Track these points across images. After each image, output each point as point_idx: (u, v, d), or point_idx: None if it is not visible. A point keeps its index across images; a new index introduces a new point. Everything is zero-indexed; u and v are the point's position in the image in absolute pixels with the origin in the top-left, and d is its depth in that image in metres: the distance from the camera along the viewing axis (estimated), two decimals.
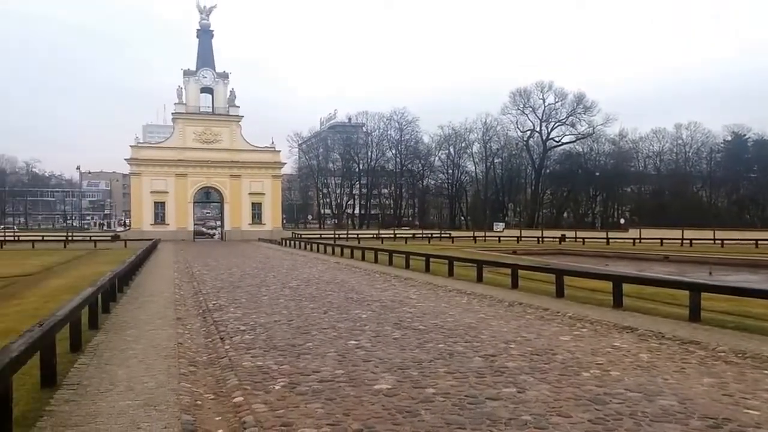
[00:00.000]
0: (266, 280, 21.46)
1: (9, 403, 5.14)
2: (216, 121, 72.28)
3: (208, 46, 74.16)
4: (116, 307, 13.97)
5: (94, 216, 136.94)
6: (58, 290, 17.98)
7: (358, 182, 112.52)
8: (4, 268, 27.70)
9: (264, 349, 9.45)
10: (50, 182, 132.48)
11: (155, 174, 69.74)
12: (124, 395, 6.69)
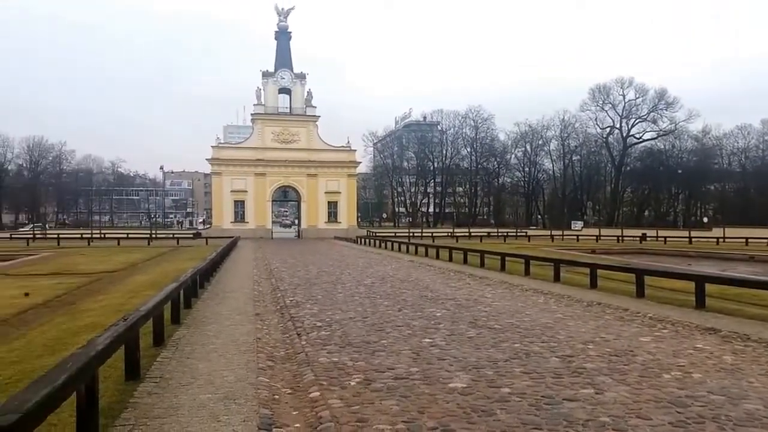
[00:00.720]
0: (341, 277, 21.68)
1: (95, 394, 5.30)
2: (293, 122, 73.81)
3: (286, 47, 75.85)
4: (198, 302, 14.39)
5: (177, 214, 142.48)
6: (142, 286, 18.79)
7: (432, 181, 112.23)
8: (90, 264, 29.29)
9: (339, 346, 9.51)
10: (135, 182, 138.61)
11: (235, 173, 71.92)
12: (204, 388, 6.85)
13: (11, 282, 21.18)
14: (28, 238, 60.87)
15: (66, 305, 15.51)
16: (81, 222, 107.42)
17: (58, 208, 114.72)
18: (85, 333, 10.41)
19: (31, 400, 3.71)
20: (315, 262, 30.31)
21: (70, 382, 4.53)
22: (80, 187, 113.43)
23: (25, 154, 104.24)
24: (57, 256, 36.15)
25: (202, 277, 17.16)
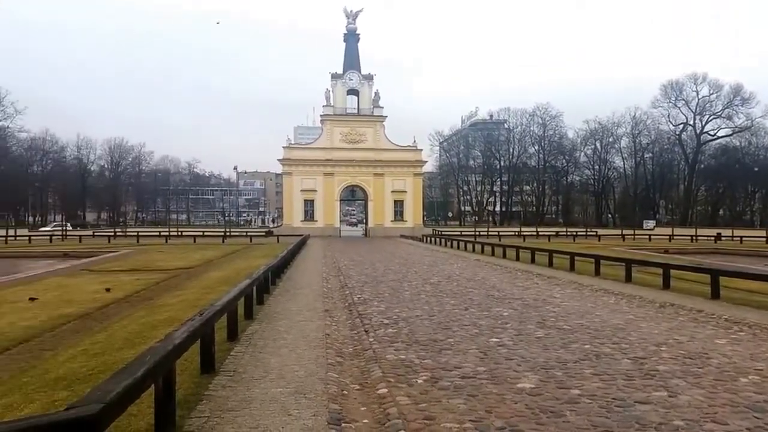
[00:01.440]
0: (408, 275, 21.72)
1: (173, 386, 5.49)
2: (361, 122, 74.64)
3: (354, 49, 76.74)
4: (269, 298, 14.75)
5: (250, 213, 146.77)
6: (217, 282, 19.45)
7: (499, 179, 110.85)
8: (168, 261, 30.52)
9: (406, 343, 9.54)
10: (210, 182, 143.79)
11: (305, 173, 73.41)
12: (276, 383, 7.00)
13: (94, 278, 22.36)
14: (110, 235, 63.91)
15: (145, 300, 16.25)
16: (159, 220, 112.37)
17: (137, 206, 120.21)
18: (162, 327, 10.89)
19: (113, 391, 3.86)
20: (381, 260, 30.51)
21: (149, 375, 4.70)
22: (158, 187, 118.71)
23: (107, 156, 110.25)
24: (136, 253, 37.94)
25: (273, 274, 17.57)
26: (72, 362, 8.81)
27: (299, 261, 28.50)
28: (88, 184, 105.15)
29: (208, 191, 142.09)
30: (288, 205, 74.94)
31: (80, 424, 3.28)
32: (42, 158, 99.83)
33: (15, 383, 7.91)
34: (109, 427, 3.82)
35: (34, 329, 11.84)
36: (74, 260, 31.76)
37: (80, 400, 3.75)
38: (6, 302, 15.59)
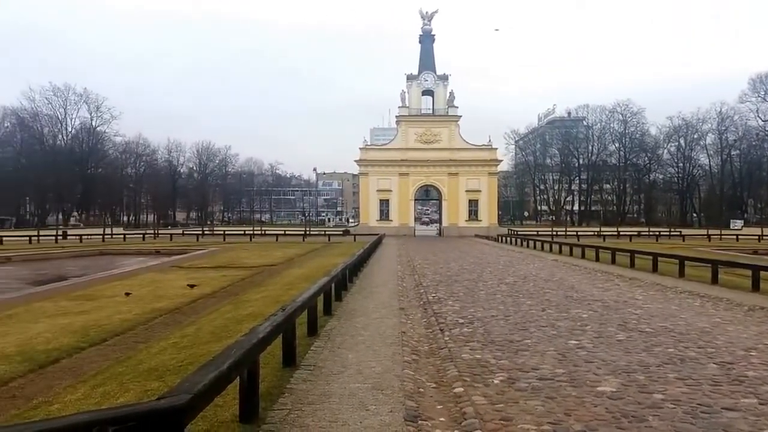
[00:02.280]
0: (483, 275, 21.56)
1: (257, 378, 5.72)
2: (436, 122, 74.61)
3: (430, 49, 76.85)
4: (347, 295, 15.01)
5: (328, 212, 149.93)
6: (298, 279, 19.98)
7: (577, 178, 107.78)
8: (252, 259, 31.58)
9: (482, 343, 9.52)
10: (291, 182, 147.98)
11: (381, 173, 74.17)
12: (354, 378, 7.14)
13: (183, 274, 23.46)
14: (198, 234, 67.04)
15: (230, 296, 16.93)
16: (244, 219, 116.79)
17: (223, 206, 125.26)
18: (247, 321, 11.32)
19: (201, 382, 4.04)
20: (456, 259, 30.37)
21: (235, 367, 4.90)
22: (243, 188, 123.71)
23: (195, 158, 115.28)
24: (223, 250, 39.44)
25: (350, 272, 17.86)
26: (163, 354, 9.32)
27: (375, 259, 28.79)
28: (178, 185, 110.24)
29: (289, 192, 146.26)
30: (364, 205, 75.96)
31: (171, 412, 3.49)
32: (135, 161, 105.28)
33: (112, 373, 8.45)
34: (197, 416, 4.07)
35: (128, 322, 12.60)
36: (165, 257, 33.58)
37: (170, 391, 3.97)
38: (104, 296, 16.64)
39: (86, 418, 3.24)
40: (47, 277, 24.52)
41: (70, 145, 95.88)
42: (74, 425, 3.10)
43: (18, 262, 32.76)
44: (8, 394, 7.69)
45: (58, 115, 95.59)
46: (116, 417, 3.24)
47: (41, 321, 12.62)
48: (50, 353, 9.69)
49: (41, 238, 55.76)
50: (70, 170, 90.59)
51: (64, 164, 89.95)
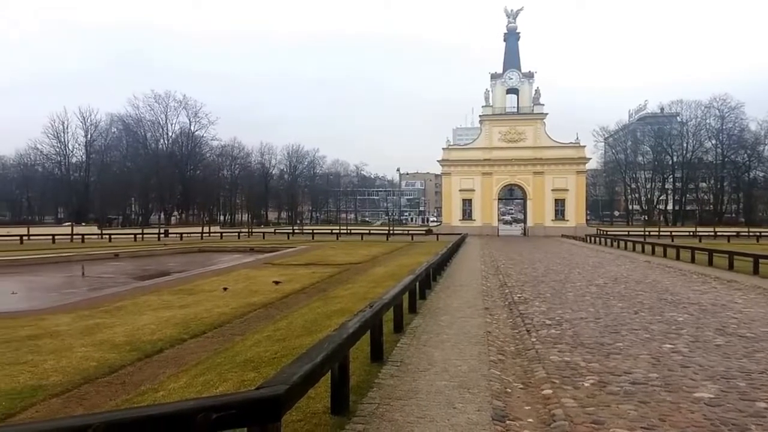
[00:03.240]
0: (570, 276, 21.05)
1: (347, 372, 5.90)
2: (521, 120, 73.40)
3: (514, 48, 75.74)
4: (431, 294, 15.09)
5: (411, 212, 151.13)
6: (383, 277, 20.27)
7: (671, 176, 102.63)
8: (339, 257, 32.30)
9: (571, 345, 9.34)
10: (375, 183, 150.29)
11: (463, 173, 73.85)
12: (440, 375, 7.20)
13: (276, 271, 24.30)
14: (288, 233, 69.67)
15: (320, 292, 17.42)
16: (331, 219, 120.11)
17: (312, 206, 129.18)
18: (336, 317, 11.64)
19: (296, 374, 4.22)
20: (542, 259, 29.79)
21: (327, 361, 5.08)
22: (330, 188, 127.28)
23: (286, 161, 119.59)
24: (311, 248, 40.52)
25: (434, 271, 17.94)
26: (258, 346, 9.75)
27: (458, 259, 28.68)
28: (270, 186, 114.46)
29: (373, 192, 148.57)
30: (447, 205, 75.76)
31: (270, 402, 3.69)
32: (231, 163, 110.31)
33: (211, 363, 8.93)
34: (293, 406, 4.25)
35: (226, 316, 13.24)
36: (259, 255, 34.94)
37: (268, 381, 4.16)
38: (203, 291, 17.55)
39: (192, 404, 3.50)
40: (151, 273, 26.13)
41: (171, 149, 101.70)
42: (181, 411, 3.37)
43: (125, 258, 35.07)
44: (119, 381, 8.28)
45: (159, 121, 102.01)
46: (219, 404, 3.47)
47: (146, 313, 13.48)
48: (155, 344, 10.36)
49: (145, 236, 59.74)
50: (170, 172, 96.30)
51: (166, 167, 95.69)
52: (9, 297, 19.06)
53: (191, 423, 3.19)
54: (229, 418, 3.37)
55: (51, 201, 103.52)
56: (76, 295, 17.44)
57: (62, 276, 25.30)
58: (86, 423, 2.92)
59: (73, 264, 29.07)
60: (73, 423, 3.05)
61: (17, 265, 29.46)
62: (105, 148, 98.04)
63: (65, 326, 11.80)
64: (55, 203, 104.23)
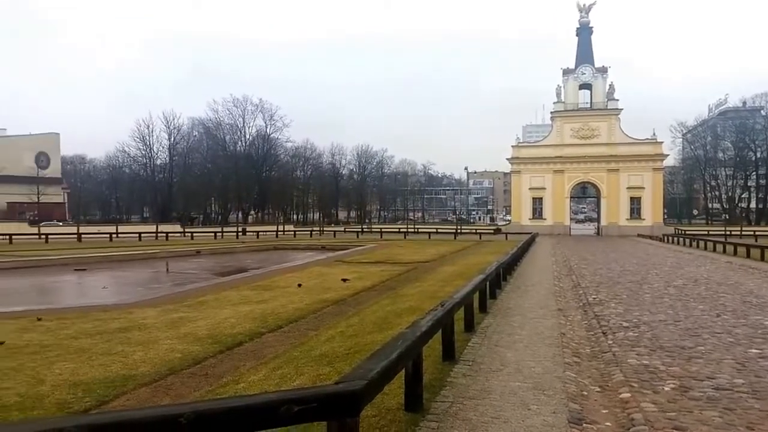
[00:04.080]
0: (647, 277, 20.36)
1: (421, 369, 5.97)
2: (594, 117, 71.41)
3: (587, 42, 73.80)
4: (501, 294, 14.95)
5: (479, 211, 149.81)
6: (451, 276, 20.25)
7: (754, 173, 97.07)
8: (407, 255, 32.48)
9: (650, 348, 9.08)
10: (442, 182, 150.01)
11: (534, 171, 72.55)
12: (513, 376, 7.15)
13: (346, 268, 24.73)
14: (358, 231, 70.74)
15: (389, 290, 17.58)
16: (398, 217, 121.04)
17: (380, 205, 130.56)
18: (406, 315, 11.74)
19: (373, 370, 4.31)
20: (617, 260, 28.94)
21: (402, 358, 5.15)
22: (398, 188, 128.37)
23: (355, 161, 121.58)
24: (380, 247, 40.93)
25: (504, 271, 17.77)
26: (332, 342, 9.99)
27: (528, 258, 28.24)
28: (340, 186, 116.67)
29: (440, 191, 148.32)
30: (516, 203, 74.66)
31: (349, 396, 3.79)
32: (303, 164, 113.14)
33: (288, 357, 9.21)
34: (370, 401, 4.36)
35: (300, 311, 13.60)
36: (330, 252, 35.59)
37: (346, 377, 4.27)
38: (279, 287, 18.08)
39: (276, 397, 3.67)
40: (230, 269, 27.13)
41: (248, 151, 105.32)
42: (266, 403, 3.53)
43: (206, 255, 36.61)
44: (202, 372, 8.67)
45: (237, 124, 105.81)
46: (301, 398, 3.61)
47: (226, 308, 14.02)
48: (235, 337, 10.78)
49: (224, 234, 62.20)
50: (248, 173, 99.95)
51: (243, 168, 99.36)
52: (100, 291, 20.29)
53: (275, 414, 3.35)
54: (310, 411, 3.50)
55: (137, 200, 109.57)
56: (161, 290, 18.31)
57: (148, 272, 26.64)
58: (178, 412, 3.11)
59: (158, 260, 30.49)
60: (166, 412, 3.25)
61: (107, 261, 31.22)
62: (187, 150, 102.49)
63: (152, 319, 12.43)
64: (141, 203, 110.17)
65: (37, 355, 9.21)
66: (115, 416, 3.42)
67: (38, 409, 6.65)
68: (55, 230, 58.04)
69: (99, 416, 3.95)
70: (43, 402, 6.92)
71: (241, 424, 3.31)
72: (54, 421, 3.16)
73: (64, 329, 11.29)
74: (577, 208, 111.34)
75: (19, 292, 20.17)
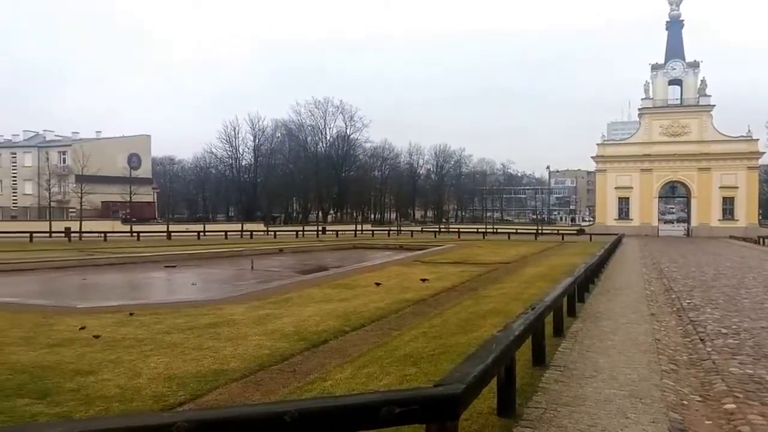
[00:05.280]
0: (744, 281, 19.23)
1: (513, 374, 5.85)
2: (684, 113, 68.28)
3: (677, 36, 70.58)
4: (589, 297, 14.49)
5: (560, 211, 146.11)
6: (534, 278, 19.82)
7: None
8: (486, 255, 32.09)
9: (753, 357, 8.54)
10: (522, 181, 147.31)
11: (620, 170, 70.29)
12: (608, 383, 6.91)
13: (425, 268, 24.68)
14: (435, 231, 70.72)
15: (470, 291, 17.39)
16: (476, 218, 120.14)
17: (457, 205, 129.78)
18: (490, 317, 11.58)
19: (471, 374, 4.23)
20: (710, 263, 27.52)
21: (497, 362, 5.05)
22: (476, 187, 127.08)
23: (433, 160, 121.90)
24: (458, 247, 40.67)
25: (591, 273, 17.22)
26: (415, 342, 9.96)
27: (615, 261, 27.24)
28: (417, 185, 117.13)
29: (520, 190, 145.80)
30: (601, 203, 72.48)
31: (449, 400, 3.75)
32: (381, 164, 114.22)
33: (372, 356, 9.25)
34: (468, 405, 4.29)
35: (382, 310, 13.66)
36: (408, 252, 35.70)
37: (444, 380, 4.20)
38: (359, 286, 18.26)
39: (377, 397, 3.68)
40: (311, 267, 27.74)
41: (328, 152, 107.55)
42: (367, 403, 3.55)
43: (288, 254, 37.71)
44: (290, 369, 8.84)
45: (318, 125, 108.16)
46: (401, 399, 3.60)
47: (310, 305, 14.28)
48: (320, 334, 10.94)
49: (305, 233, 63.76)
50: (328, 173, 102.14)
51: (324, 168, 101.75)
52: (189, 287, 21.18)
53: (376, 415, 3.35)
54: (411, 413, 3.49)
55: (223, 200, 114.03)
56: (247, 287, 18.90)
57: (234, 269, 27.59)
58: (283, 410, 3.18)
59: (243, 258, 31.56)
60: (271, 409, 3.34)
61: (196, 258, 32.56)
62: (271, 151, 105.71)
63: (239, 316, 12.82)
64: (227, 202, 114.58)
65: (133, 348, 9.61)
66: (223, 413, 3.54)
67: (136, 401, 6.92)
68: (146, 228, 61.11)
69: (207, 412, 4.12)
70: (140, 394, 7.20)
71: (342, 423, 3.34)
72: (166, 416, 3.30)
73: (157, 324, 11.75)
74: (665, 208, 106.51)
75: (114, 287, 21.39)
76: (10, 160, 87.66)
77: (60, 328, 11.25)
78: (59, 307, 14.15)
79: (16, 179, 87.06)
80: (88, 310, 13.68)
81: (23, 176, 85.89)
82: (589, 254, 23.14)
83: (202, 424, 2.97)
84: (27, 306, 14.19)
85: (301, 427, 3.13)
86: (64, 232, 53.54)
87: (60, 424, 4.17)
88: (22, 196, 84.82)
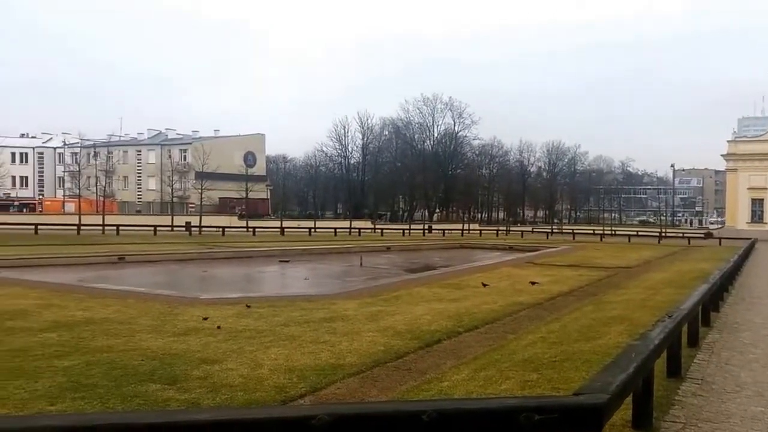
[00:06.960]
0: None
1: (651, 385, 5.48)
2: None
3: None
4: (724, 306, 13.50)
5: (685, 213, 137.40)
6: (660, 283, 18.67)
7: None
8: (605, 259, 30.56)
9: None
10: (642, 180, 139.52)
11: (753, 169, 65.46)
12: (753, 400, 6.37)
13: (539, 270, 23.82)
14: (547, 232, 68.73)
15: (589, 296, 16.57)
16: (591, 218, 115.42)
17: (570, 205, 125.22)
18: (614, 324, 10.95)
19: (613, 383, 3.97)
20: None
21: (639, 372, 4.75)
22: (591, 186, 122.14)
23: (545, 158, 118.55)
24: (574, 249, 39.12)
25: (725, 280, 15.93)
26: (533, 347, 9.57)
27: (749, 267, 25.16)
28: (528, 184, 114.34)
29: (640, 190, 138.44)
30: (731, 205, 67.60)
31: (593, 410, 3.50)
32: (489, 162, 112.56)
33: (489, 359, 8.98)
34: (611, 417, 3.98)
35: (495, 313, 13.28)
36: (519, 253, 34.99)
37: (584, 389, 3.96)
38: (469, 286, 17.93)
39: (515, 402, 3.51)
40: (418, 266, 27.81)
41: (435, 149, 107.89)
42: (506, 407, 3.36)
43: (395, 251, 38.09)
44: (405, 367, 8.77)
45: (426, 123, 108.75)
46: (542, 406, 3.38)
47: (420, 304, 14.16)
48: (433, 334, 10.79)
49: (411, 231, 64.26)
50: (434, 171, 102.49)
51: (430, 166, 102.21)
52: (302, 282, 21.87)
53: (514, 421, 3.16)
54: (551, 422, 3.25)
55: (332, 197, 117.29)
56: (357, 283, 19.19)
57: (343, 265, 28.20)
58: (421, 409, 3.09)
59: (352, 255, 32.17)
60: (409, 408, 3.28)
61: (308, 254, 33.63)
62: (378, 149, 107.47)
63: (352, 311, 12.93)
64: (335, 199, 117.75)
65: (253, 339, 9.89)
66: (360, 407, 3.53)
67: (260, 391, 7.09)
68: (260, 224, 63.97)
69: (347, 406, 4.15)
70: (263, 384, 7.38)
71: (479, 427, 3.21)
72: (307, 409, 3.31)
73: (275, 316, 12.04)
74: None
75: (232, 279, 22.44)
76: (136, 158, 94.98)
77: (185, 318, 11.82)
78: (183, 297, 14.92)
79: (141, 175, 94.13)
80: (209, 301, 14.34)
81: (147, 173, 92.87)
82: (720, 260, 21.45)
83: (342, 418, 2.97)
84: (154, 296, 15.03)
85: (438, 428, 3.02)
86: (185, 226, 57.11)
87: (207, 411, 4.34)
88: (146, 192, 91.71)
